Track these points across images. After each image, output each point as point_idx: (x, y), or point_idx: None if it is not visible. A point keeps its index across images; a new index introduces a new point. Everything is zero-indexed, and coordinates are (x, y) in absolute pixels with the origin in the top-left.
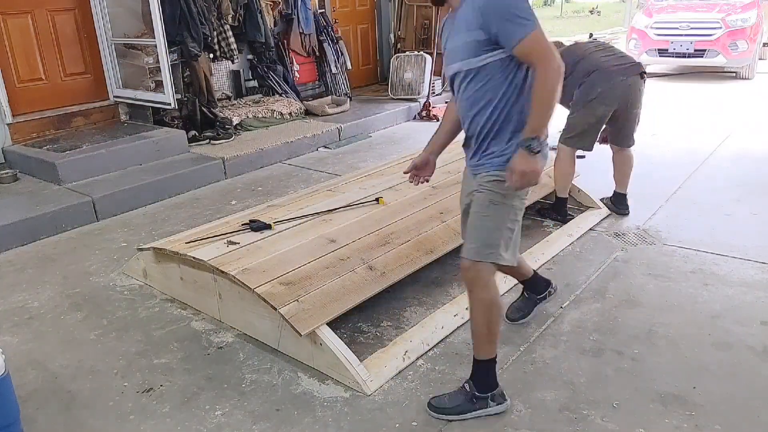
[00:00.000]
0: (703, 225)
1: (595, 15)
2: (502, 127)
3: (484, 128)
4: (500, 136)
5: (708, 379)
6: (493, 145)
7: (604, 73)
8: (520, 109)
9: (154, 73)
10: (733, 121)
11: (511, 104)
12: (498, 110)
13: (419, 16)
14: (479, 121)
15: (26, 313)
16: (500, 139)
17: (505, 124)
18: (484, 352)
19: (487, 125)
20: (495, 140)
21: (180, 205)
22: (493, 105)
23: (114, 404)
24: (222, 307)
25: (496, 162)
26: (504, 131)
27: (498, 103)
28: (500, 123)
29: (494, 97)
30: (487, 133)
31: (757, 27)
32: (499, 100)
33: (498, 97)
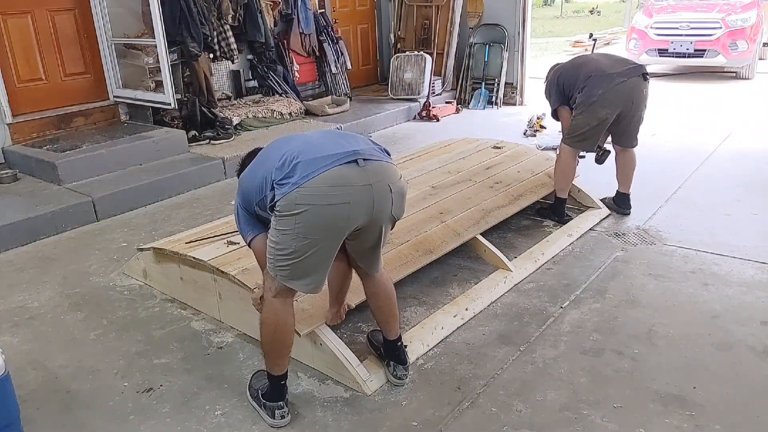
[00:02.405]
0: (703, 225)
1: (595, 15)
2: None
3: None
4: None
5: (708, 379)
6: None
7: (604, 76)
8: None
9: (154, 73)
10: (733, 121)
11: None
12: None
13: (419, 16)
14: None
15: (26, 313)
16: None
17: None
18: (266, 364)
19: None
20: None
21: (180, 205)
22: None
23: (114, 404)
24: (222, 307)
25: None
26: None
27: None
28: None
29: None
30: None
31: (757, 27)
32: None
33: None
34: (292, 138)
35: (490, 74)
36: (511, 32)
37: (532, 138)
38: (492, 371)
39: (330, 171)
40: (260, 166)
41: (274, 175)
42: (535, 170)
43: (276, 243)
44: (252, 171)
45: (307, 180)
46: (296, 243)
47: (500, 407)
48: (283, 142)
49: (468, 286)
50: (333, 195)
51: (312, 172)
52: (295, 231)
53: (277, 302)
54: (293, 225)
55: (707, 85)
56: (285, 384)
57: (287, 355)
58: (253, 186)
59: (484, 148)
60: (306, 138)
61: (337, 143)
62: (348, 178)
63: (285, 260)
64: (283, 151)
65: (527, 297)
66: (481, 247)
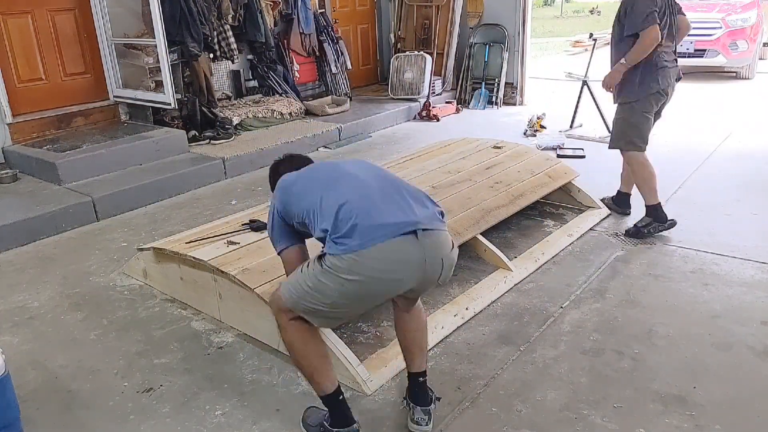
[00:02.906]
0: (703, 225)
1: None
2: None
3: None
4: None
5: (708, 379)
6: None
7: (666, 71)
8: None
9: (154, 73)
10: (733, 121)
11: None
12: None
13: (419, 16)
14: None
15: (26, 313)
16: None
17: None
18: (314, 389)
19: None
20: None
21: (180, 205)
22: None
23: (114, 404)
24: (222, 307)
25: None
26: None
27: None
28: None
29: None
30: None
31: (757, 27)
32: None
33: None
34: (348, 178)
35: (490, 74)
36: (511, 32)
37: (532, 138)
38: (492, 371)
39: (389, 243)
40: (309, 192)
41: (326, 223)
42: (535, 170)
43: (312, 288)
44: (299, 188)
45: (364, 248)
46: (335, 299)
47: (500, 407)
48: (338, 177)
49: (468, 285)
50: (387, 270)
51: (370, 240)
52: (339, 291)
53: (296, 322)
54: (339, 286)
55: (707, 85)
56: (344, 399)
57: (330, 365)
58: (298, 208)
59: (484, 148)
60: (363, 188)
61: (398, 205)
62: (405, 253)
63: (315, 305)
64: (339, 197)
65: (527, 297)
66: (481, 246)
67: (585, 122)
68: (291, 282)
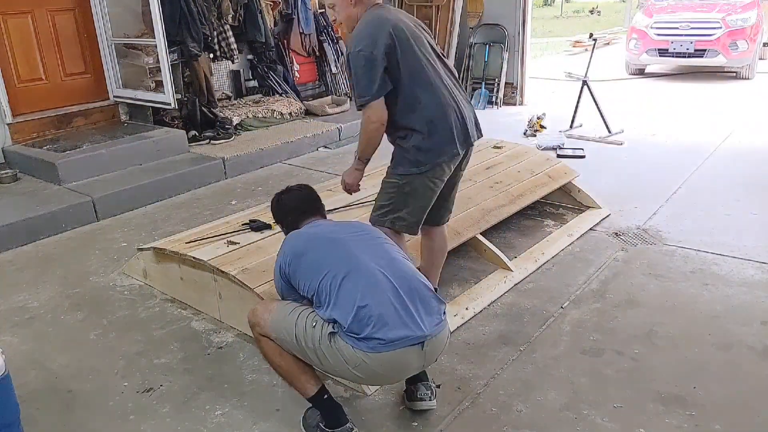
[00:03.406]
0: (703, 225)
1: (595, 15)
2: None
3: None
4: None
5: (708, 379)
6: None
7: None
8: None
9: (154, 73)
10: (733, 121)
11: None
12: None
13: (419, 16)
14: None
15: (26, 313)
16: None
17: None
18: (300, 391)
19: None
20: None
21: (180, 205)
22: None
23: (114, 404)
24: (222, 307)
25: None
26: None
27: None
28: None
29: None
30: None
31: (757, 27)
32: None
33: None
34: (366, 274)
35: (490, 74)
36: (511, 32)
37: (532, 138)
38: (492, 371)
39: (398, 353)
40: (321, 270)
41: (341, 315)
42: (535, 170)
43: (310, 349)
44: (310, 261)
45: (375, 353)
46: (330, 369)
47: (500, 407)
48: (356, 268)
49: (468, 285)
50: (391, 375)
51: (382, 348)
52: (338, 368)
53: (265, 339)
54: (343, 364)
55: (707, 85)
56: (330, 398)
57: (308, 368)
58: (308, 283)
59: (484, 148)
60: (381, 293)
61: (411, 316)
62: (410, 361)
63: (306, 357)
64: (356, 295)
65: (527, 297)
66: (481, 246)
67: (585, 122)
68: (283, 324)
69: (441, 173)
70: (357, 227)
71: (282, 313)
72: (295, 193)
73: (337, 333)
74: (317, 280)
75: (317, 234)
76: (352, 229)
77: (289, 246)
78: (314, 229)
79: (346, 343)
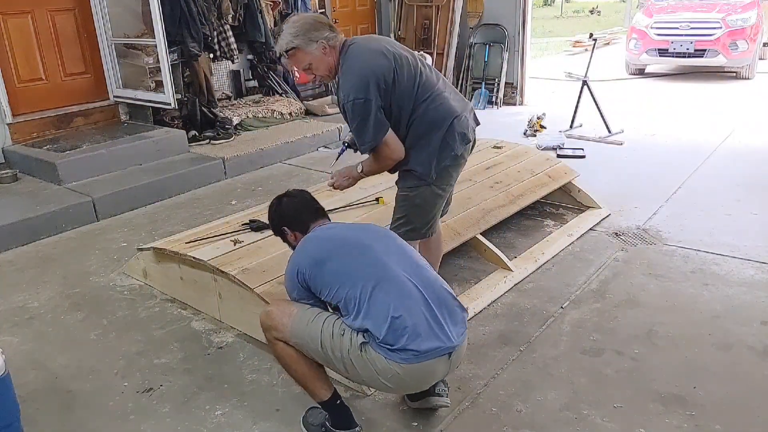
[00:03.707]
0: (703, 225)
1: (595, 15)
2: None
3: None
4: None
5: (708, 379)
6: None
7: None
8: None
9: (154, 73)
10: (733, 121)
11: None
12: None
13: (419, 16)
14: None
15: (26, 313)
16: None
17: None
18: (312, 395)
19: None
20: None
21: (180, 205)
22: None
23: (114, 404)
24: (222, 307)
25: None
26: None
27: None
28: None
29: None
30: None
31: (757, 27)
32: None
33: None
34: (395, 281)
35: (490, 74)
36: (511, 32)
37: (532, 138)
38: (492, 371)
39: (429, 363)
40: (348, 279)
41: (373, 325)
42: (535, 170)
43: (337, 359)
44: (334, 268)
45: (408, 364)
46: (355, 377)
47: (500, 407)
48: (385, 276)
49: (468, 285)
50: (419, 383)
51: (415, 358)
52: (371, 377)
53: (280, 343)
54: (373, 374)
55: (707, 85)
56: (342, 403)
57: (322, 373)
58: (333, 291)
59: (484, 148)
60: (412, 303)
61: (440, 326)
62: (438, 371)
63: (329, 364)
64: (390, 305)
65: (527, 297)
66: (481, 246)
67: (585, 122)
68: (306, 330)
69: (448, 179)
70: (373, 230)
71: (304, 319)
72: (296, 198)
73: (369, 343)
74: (345, 289)
75: (338, 238)
76: (371, 233)
77: (307, 252)
78: (331, 232)
79: (379, 353)
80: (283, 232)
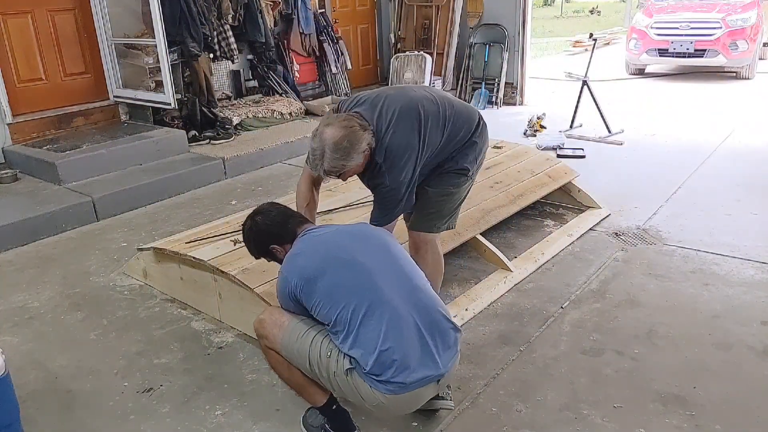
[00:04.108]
0: (703, 225)
1: (595, 15)
2: None
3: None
4: None
5: (708, 379)
6: None
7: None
8: None
9: (154, 73)
10: (733, 121)
11: None
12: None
13: (419, 16)
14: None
15: (26, 313)
16: None
17: None
18: (308, 400)
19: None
20: None
21: (180, 205)
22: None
23: (114, 404)
24: (222, 307)
25: None
26: None
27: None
28: None
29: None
30: None
31: (757, 27)
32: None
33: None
34: (387, 307)
35: (490, 74)
36: (511, 32)
37: (532, 138)
38: (492, 371)
39: (415, 392)
40: (341, 298)
41: (361, 353)
42: (535, 170)
43: (325, 377)
44: (327, 285)
45: (393, 394)
46: (343, 395)
47: (500, 407)
48: (377, 300)
49: (468, 285)
50: (405, 409)
51: (401, 390)
52: (356, 399)
53: (271, 352)
54: (357, 397)
55: (707, 85)
56: (339, 408)
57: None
58: (324, 310)
59: None
60: (402, 331)
61: (430, 355)
62: (424, 397)
63: (320, 381)
64: (379, 336)
65: (527, 297)
66: (481, 247)
67: (585, 122)
68: (296, 346)
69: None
70: (368, 239)
71: (294, 334)
72: (271, 211)
73: (355, 369)
74: (335, 311)
75: (331, 253)
76: (366, 245)
77: (298, 267)
78: (321, 240)
79: (364, 381)
80: (271, 251)
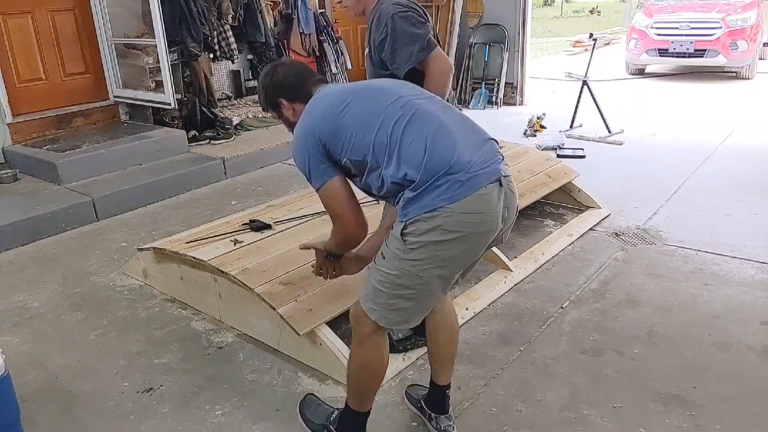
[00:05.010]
0: (703, 225)
1: (595, 15)
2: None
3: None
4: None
5: (708, 379)
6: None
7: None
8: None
9: (154, 73)
10: (733, 121)
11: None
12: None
13: None
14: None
15: (26, 313)
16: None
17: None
18: (351, 401)
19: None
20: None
21: (180, 205)
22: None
23: (114, 404)
24: (222, 307)
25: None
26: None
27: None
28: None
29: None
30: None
31: (757, 27)
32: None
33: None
34: (426, 116)
35: (490, 74)
36: (511, 32)
37: (532, 138)
38: (492, 371)
39: (481, 192)
40: (373, 121)
41: (410, 169)
42: (535, 170)
43: (396, 278)
44: (355, 113)
45: (456, 202)
46: (429, 273)
47: (500, 407)
48: (414, 114)
49: (468, 285)
50: (482, 222)
51: (463, 192)
52: (432, 258)
53: (376, 339)
54: (433, 253)
55: (707, 85)
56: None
57: (378, 387)
58: (357, 139)
59: None
60: (446, 130)
61: (482, 152)
62: (494, 203)
63: (405, 300)
64: (424, 141)
65: (527, 297)
66: None
67: (585, 122)
68: (369, 291)
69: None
70: (399, 82)
71: (369, 284)
72: (294, 65)
73: (406, 222)
74: (372, 134)
75: (358, 86)
76: (397, 83)
77: (322, 105)
78: (345, 85)
79: (422, 220)
80: (278, 105)
